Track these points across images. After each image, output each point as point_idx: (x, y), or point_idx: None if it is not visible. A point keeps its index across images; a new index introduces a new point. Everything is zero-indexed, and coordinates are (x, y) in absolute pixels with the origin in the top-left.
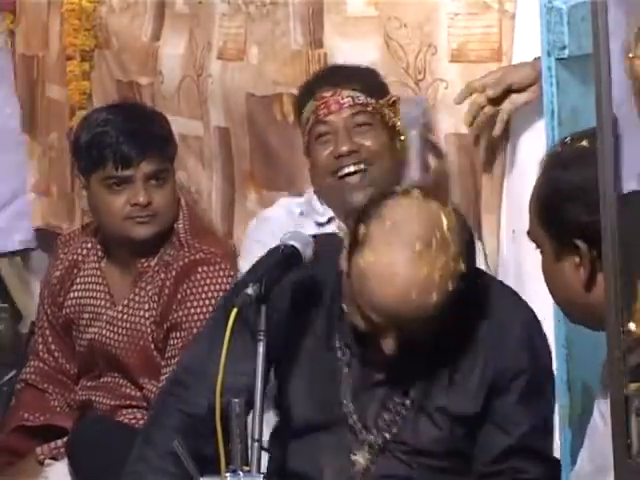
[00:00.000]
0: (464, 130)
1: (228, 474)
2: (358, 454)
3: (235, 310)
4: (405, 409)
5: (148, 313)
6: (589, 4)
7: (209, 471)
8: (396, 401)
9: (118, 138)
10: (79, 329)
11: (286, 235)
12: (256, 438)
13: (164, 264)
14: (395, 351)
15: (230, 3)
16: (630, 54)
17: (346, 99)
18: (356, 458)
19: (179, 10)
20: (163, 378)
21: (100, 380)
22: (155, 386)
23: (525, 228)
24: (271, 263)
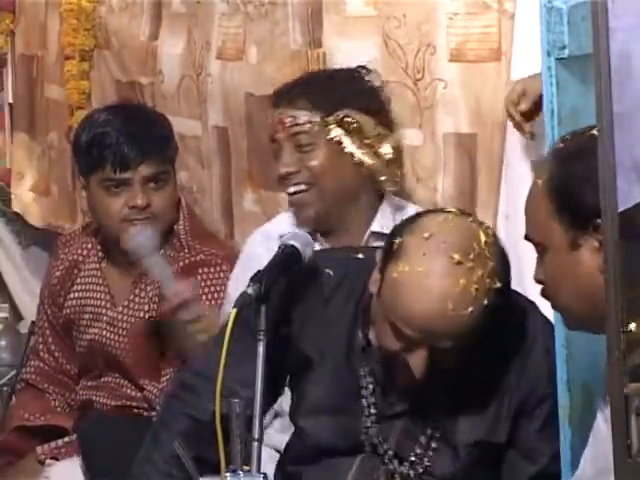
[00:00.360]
0: (462, 129)
1: (228, 474)
2: None
3: (235, 310)
4: (434, 440)
5: (148, 314)
6: (589, 4)
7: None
8: (424, 432)
9: (118, 139)
10: (79, 329)
11: (286, 235)
12: (256, 438)
13: None
14: (423, 373)
15: (229, 3)
16: None
17: (288, 120)
18: None
19: (176, 10)
20: (164, 380)
21: (101, 380)
22: (156, 387)
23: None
24: (271, 263)
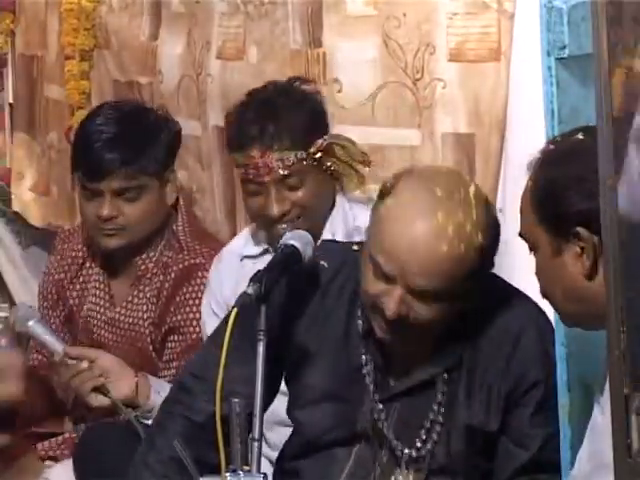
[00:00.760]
0: (461, 130)
1: (228, 474)
2: (396, 471)
3: (235, 311)
4: (432, 428)
5: (146, 315)
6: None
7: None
8: (423, 419)
9: (94, 147)
10: (78, 328)
11: (286, 235)
12: (256, 438)
13: (163, 265)
14: (395, 313)
15: (229, 2)
16: None
17: (275, 163)
18: (396, 476)
19: (175, 9)
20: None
21: None
22: None
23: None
24: (272, 263)
